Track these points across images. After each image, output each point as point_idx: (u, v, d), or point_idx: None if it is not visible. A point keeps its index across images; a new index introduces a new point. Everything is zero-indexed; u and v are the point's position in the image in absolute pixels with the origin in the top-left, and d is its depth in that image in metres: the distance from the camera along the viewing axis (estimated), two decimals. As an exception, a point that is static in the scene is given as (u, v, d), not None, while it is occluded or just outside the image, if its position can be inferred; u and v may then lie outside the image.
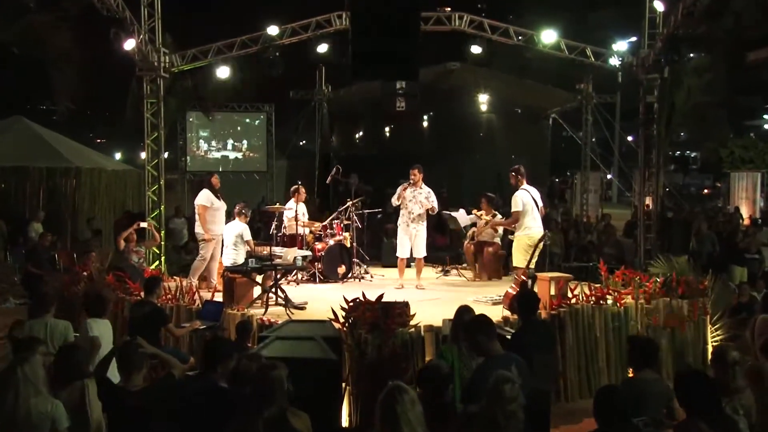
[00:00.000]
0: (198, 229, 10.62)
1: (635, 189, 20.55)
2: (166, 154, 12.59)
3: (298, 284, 10.94)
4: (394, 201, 11.00)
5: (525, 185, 9.55)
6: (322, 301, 9.21)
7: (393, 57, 7.23)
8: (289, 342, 6.47)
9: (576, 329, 8.45)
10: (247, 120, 21.97)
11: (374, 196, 17.56)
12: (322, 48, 12.84)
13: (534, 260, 9.02)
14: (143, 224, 11.87)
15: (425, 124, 34.40)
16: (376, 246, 13.14)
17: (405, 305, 7.77)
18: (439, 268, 12.32)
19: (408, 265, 11.23)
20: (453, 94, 25.80)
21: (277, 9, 14.50)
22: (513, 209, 9.40)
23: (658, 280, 9.45)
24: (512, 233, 9.75)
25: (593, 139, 21.53)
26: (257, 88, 19.54)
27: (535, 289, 8.59)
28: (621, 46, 25.95)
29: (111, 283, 9.68)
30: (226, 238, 9.76)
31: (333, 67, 20.94)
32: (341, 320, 7.50)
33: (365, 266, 11.82)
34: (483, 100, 24.66)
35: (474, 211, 10.96)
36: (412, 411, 3.91)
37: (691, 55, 13.98)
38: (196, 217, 10.64)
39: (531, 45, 12.71)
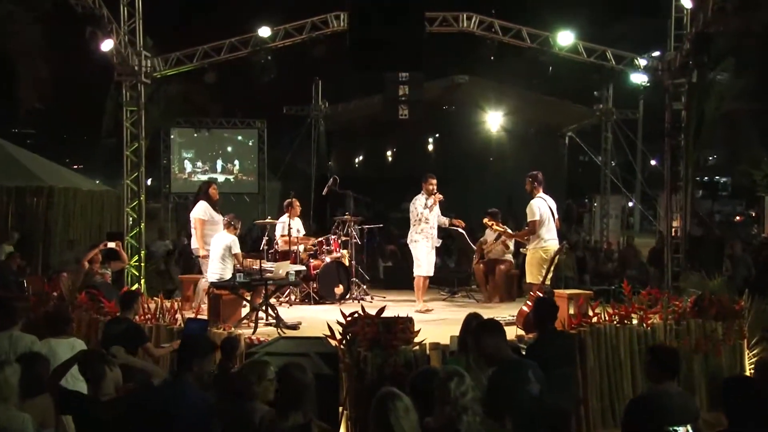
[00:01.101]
0: (195, 244, 10.40)
1: (660, 214, 20.45)
2: (149, 181, 12.46)
3: (291, 305, 10.81)
4: (426, 213, 10.83)
5: (541, 193, 9.47)
6: (317, 322, 9.07)
7: (395, 44, 7.15)
8: (280, 358, 6.34)
9: (598, 351, 8.27)
10: (239, 137, 21.90)
11: (374, 214, 17.49)
12: (319, 52, 12.78)
13: (550, 276, 8.90)
14: (111, 244, 11.74)
15: (430, 145, 34.58)
16: (374, 267, 13.01)
17: (408, 320, 7.62)
18: (446, 290, 12.18)
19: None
20: (460, 110, 25.91)
21: (270, 9, 14.48)
22: (529, 218, 9.31)
23: (689, 299, 9.30)
24: (524, 246, 9.64)
25: (613, 162, 21.47)
26: (248, 102, 19.59)
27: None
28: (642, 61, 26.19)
29: (83, 303, 9.52)
30: (212, 251, 9.64)
31: (330, 79, 21.05)
32: (338, 336, 7.36)
33: (365, 286, 11.67)
34: (493, 116, 24.71)
35: (485, 221, 10.84)
36: (406, 419, 3.89)
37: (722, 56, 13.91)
38: (192, 232, 10.45)
39: (546, 48, 12.66)
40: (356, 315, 7.46)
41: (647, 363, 5.75)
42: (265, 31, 12.57)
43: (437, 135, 34.75)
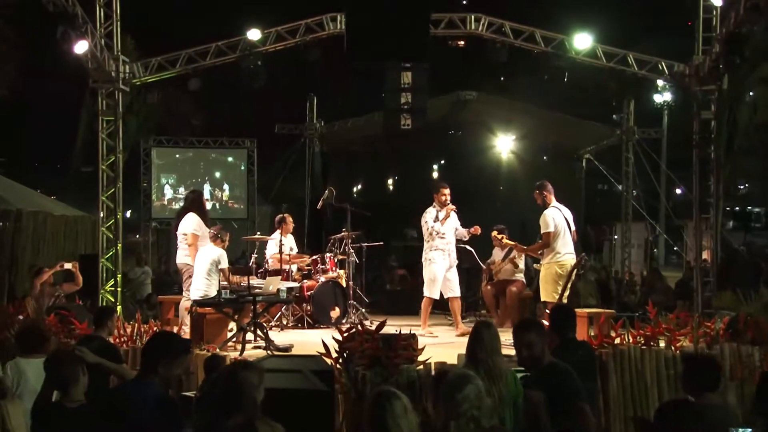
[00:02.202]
0: (186, 259, 10.27)
1: (688, 243, 20.34)
2: (128, 213, 12.42)
3: (282, 329, 10.70)
4: (438, 227, 10.72)
5: (555, 203, 9.42)
6: (311, 345, 8.92)
7: (398, 31, 7.09)
8: (270, 375, 6.23)
9: (621, 375, 8.18)
10: (230, 158, 21.75)
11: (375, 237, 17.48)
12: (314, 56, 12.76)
13: (567, 293, 8.81)
14: (67, 265, 11.63)
15: (435, 172, 34.59)
16: (376, 292, 12.91)
17: (411, 337, 7.53)
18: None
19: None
20: (467, 134, 25.95)
21: (261, 11, 14.52)
22: (542, 230, 9.24)
23: (722, 320, 9.20)
24: (538, 262, 9.56)
25: (635, 192, 21.34)
26: (237, 120, 19.60)
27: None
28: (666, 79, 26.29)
29: (53, 325, 9.40)
30: (198, 265, 9.57)
31: (326, 95, 21.10)
32: (333, 354, 7.27)
33: (364, 309, 11.55)
34: (503, 140, 24.73)
35: (493, 234, 10.75)
36: (404, 419, 3.90)
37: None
38: (182, 246, 10.35)
39: (561, 52, 12.65)
40: (354, 330, 7.37)
41: (682, 374, 5.65)
42: (254, 34, 12.56)
43: (442, 161, 34.82)
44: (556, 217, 9.25)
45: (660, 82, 27.16)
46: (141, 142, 20.00)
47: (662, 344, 8.57)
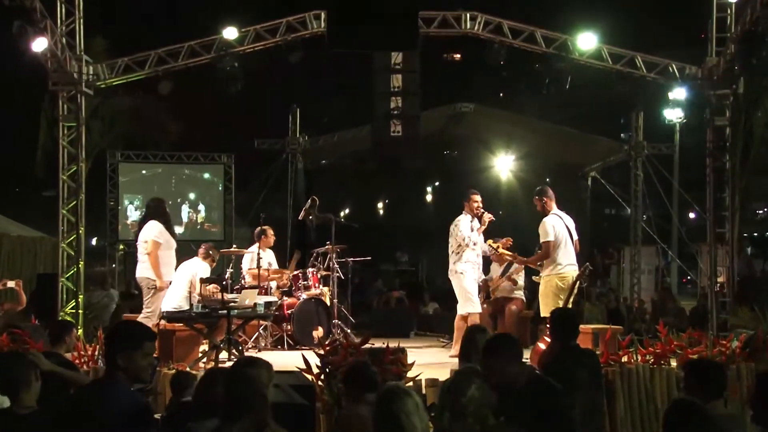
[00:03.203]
0: (146, 272, 10.14)
1: (702, 268, 20.29)
2: (94, 241, 12.34)
3: (259, 350, 10.59)
4: (475, 237, 10.64)
5: (555, 210, 9.40)
6: (291, 367, 8.84)
7: (383, 16, 7.06)
8: None
9: (629, 396, 8.25)
10: (206, 175, 21.55)
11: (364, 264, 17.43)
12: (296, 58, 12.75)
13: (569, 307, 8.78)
14: (10, 283, 11.54)
15: (429, 195, 34.66)
16: (363, 311, 12.86)
17: (400, 351, 7.47)
18: (446, 337, 12.03)
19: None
20: (465, 146, 25.98)
21: (237, 8, 14.53)
22: (542, 239, 9.23)
23: (738, 339, 9.17)
24: (537, 274, 9.51)
25: (645, 216, 21.31)
26: (212, 132, 19.54)
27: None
28: (678, 93, 26.43)
29: (5, 345, 9.33)
30: (178, 277, 9.53)
31: (310, 107, 21.08)
32: (315, 370, 7.21)
33: (349, 330, 11.47)
34: (503, 160, 24.77)
35: (489, 242, 10.68)
36: (417, 416, 3.95)
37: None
38: (142, 258, 10.25)
39: (564, 53, 12.67)
40: (337, 343, 7.31)
41: (684, 382, 5.63)
42: (231, 33, 12.53)
43: (437, 183, 34.93)
44: (557, 225, 9.22)
45: (671, 96, 27.40)
46: (107, 157, 19.85)
47: (673, 363, 8.53)
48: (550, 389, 5.08)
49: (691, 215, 33.01)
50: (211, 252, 9.74)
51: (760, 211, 40.28)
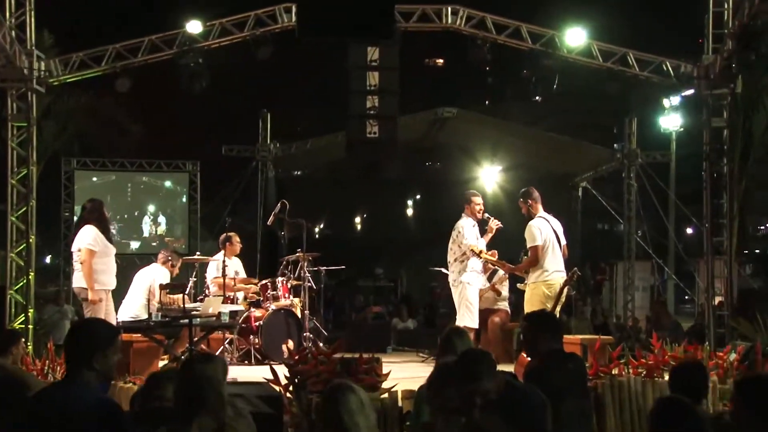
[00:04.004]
0: (81, 282, 9.97)
1: (700, 285, 20.31)
2: (48, 259, 12.24)
3: (225, 365, 10.50)
4: (482, 245, 10.56)
5: (542, 212, 9.41)
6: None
7: (356, 3, 7.04)
8: None
9: (620, 411, 8.24)
10: (167, 184, 21.36)
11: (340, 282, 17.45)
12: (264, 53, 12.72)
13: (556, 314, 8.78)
14: None
15: (410, 209, 34.70)
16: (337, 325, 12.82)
17: (375, 360, 7.45)
18: (425, 352, 12.00)
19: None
20: (448, 155, 25.99)
21: (202, 0, 14.50)
22: (529, 244, 9.22)
23: (736, 351, 9.20)
24: (522, 281, 9.51)
25: (639, 232, 21.32)
26: (176, 139, 19.44)
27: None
28: (675, 100, 26.62)
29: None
30: (137, 283, 9.47)
31: (281, 109, 21.04)
32: (283, 381, 7.18)
33: (322, 344, 11.42)
34: (489, 167, 24.77)
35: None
36: (361, 415, 4.01)
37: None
38: (76, 266, 10.13)
39: (551, 50, 12.70)
40: (307, 352, 7.28)
41: (669, 385, 5.67)
42: (195, 27, 12.51)
43: (418, 196, 34.99)
44: (544, 229, 9.23)
45: (667, 102, 27.56)
46: (62, 165, 19.67)
47: (667, 377, 8.51)
48: (526, 397, 5.05)
49: (689, 230, 33.12)
50: (171, 258, 9.66)
51: (762, 228, 40.49)
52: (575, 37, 12.77)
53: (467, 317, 10.42)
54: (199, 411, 4.12)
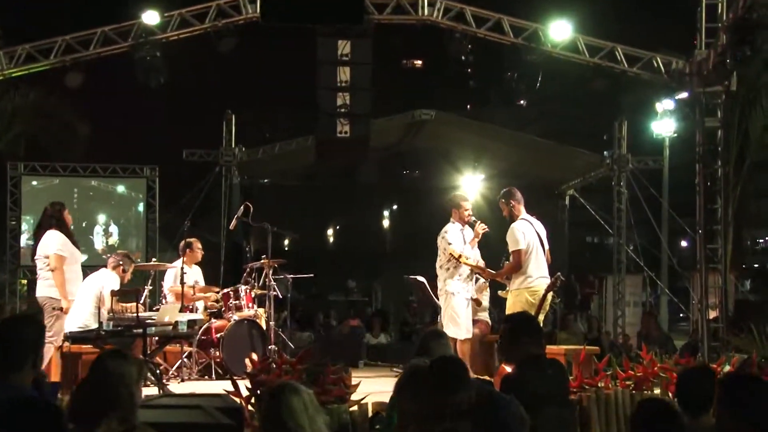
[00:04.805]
0: (48, 291, 9.94)
1: (695, 297, 20.36)
2: None
3: (182, 381, 10.47)
4: (469, 251, 10.46)
5: (524, 214, 9.44)
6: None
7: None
8: (161, 411, 6.16)
9: (606, 425, 8.21)
10: (119, 189, 21.12)
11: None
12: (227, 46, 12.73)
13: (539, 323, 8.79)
14: None
15: (386, 219, 34.72)
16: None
17: (344, 370, 7.45)
18: (400, 366, 11.98)
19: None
20: (425, 160, 26.08)
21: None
22: (511, 248, 9.23)
23: (730, 363, 9.27)
24: (504, 288, 9.52)
25: (632, 246, 21.37)
26: (132, 141, 19.34)
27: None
28: (667, 104, 26.73)
29: None
30: (83, 292, 9.43)
31: (247, 110, 21.00)
32: (245, 393, 7.17)
33: (288, 356, 11.41)
34: (471, 170, 24.81)
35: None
36: (304, 416, 4.02)
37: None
38: (44, 275, 10.04)
39: (534, 44, 12.76)
40: (270, 360, 7.28)
41: (676, 394, 5.65)
42: (152, 17, 12.49)
43: (395, 206, 35.02)
44: (527, 232, 9.24)
45: (659, 107, 27.67)
46: (8, 169, 19.46)
47: (657, 391, 8.56)
48: (502, 409, 5.05)
49: (683, 243, 33.30)
50: (122, 262, 9.60)
51: (762, 241, 40.81)
52: (560, 30, 12.84)
53: (451, 328, 10.32)
54: (108, 412, 4.06)
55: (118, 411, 4.07)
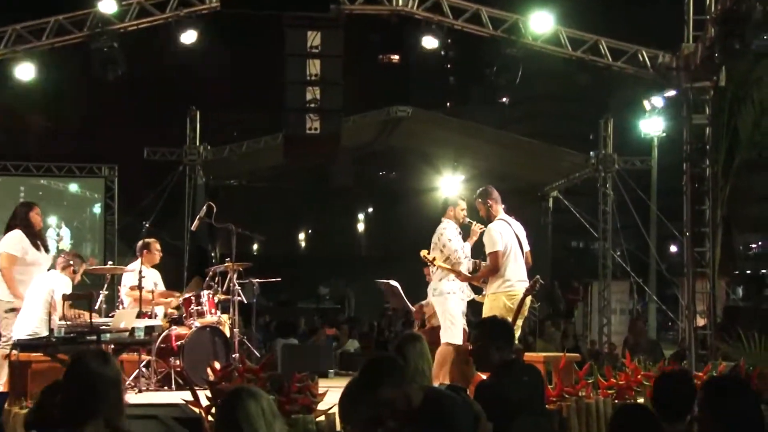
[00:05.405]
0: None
1: (683, 304, 20.39)
2: None
3: (140, 391, 10.40)
4: (467, 250, 10.42)
5: (502, 215, 9.43)
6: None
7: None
8: None
9: None
10: (72, 188, 20.99)
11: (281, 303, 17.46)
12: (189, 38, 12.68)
13: (518, 329, 8.84)
14: None
15: (361, 223, 34.78)
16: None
17: (310, 378, 7.43)
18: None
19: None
20: (402, 160, 26.12)
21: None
22: (488, 249, 9.21)
23: (716, 371, 9.33)
24: (480, 292, 9.53)
25: (618, 251, 21.41)
26: (88, 139, 19.20)
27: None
28: (656, 101, 26.81)
29: None
30: (34, 295, 9.41)
31: (212, 106, 20.93)
32: (204, 403, 7.14)
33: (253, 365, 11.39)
34: (450, 171, 24.88)
35: (423, 254, 10.49)
36: (261, 421, 4.01)
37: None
38: None
39: (514, 37, 12.77)
40: (232, 368, 7.25)
41: (652, 398, 5.65)
42: (109, 6, 12.42)
43: (371, 209, 35.09)
44: (505, 233, 9.23)
45: (647, 104, 27.75)
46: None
47: (641, 400, 8.58)
48: (451, 408, 5.04)
49: (673, 248, 33.43)
50: (72, 262, 9.54)
51: (754, 246, 41.00)
52: (541, 22, 12.85)
53: (449, 332, 10.25)
54: (94, 414, 4.07)
55: (105, 414, 4.10)
